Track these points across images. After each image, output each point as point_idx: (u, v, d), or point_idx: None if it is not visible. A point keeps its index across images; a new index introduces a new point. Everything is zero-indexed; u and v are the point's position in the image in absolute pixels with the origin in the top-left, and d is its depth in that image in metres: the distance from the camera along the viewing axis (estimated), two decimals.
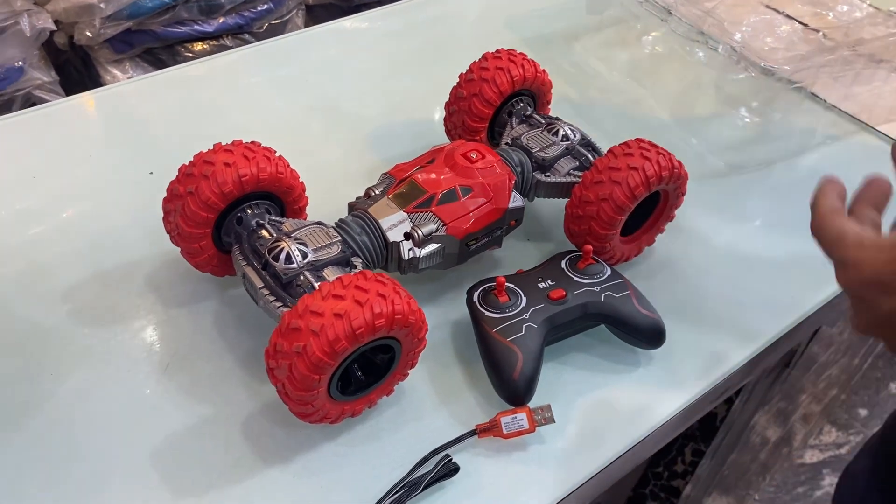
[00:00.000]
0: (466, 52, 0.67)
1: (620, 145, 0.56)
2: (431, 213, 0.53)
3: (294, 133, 0.74)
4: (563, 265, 0.55)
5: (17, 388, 0.50)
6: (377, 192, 0.55)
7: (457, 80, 0.64)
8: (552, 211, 0.65)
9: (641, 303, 0.54)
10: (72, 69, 1.43)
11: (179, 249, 0.53)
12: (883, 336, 0.40)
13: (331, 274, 0.48)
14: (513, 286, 0.53)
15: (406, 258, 0.52)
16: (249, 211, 0.52)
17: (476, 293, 0.53)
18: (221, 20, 1.38)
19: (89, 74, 1.39)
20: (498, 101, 0.63)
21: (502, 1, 0.97)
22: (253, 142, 0.53)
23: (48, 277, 0.57)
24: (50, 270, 0.58)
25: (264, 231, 0.51)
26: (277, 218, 0.53)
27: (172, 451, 0.47)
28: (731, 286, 0.62)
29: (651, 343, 0.54)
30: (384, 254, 0.52)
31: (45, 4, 1.28)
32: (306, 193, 0.55)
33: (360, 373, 0.47)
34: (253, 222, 0.51)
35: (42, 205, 0.64)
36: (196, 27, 1.36)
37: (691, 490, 1.05)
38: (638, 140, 0.56)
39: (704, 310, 0.59)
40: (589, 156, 0.60)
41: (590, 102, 0.81)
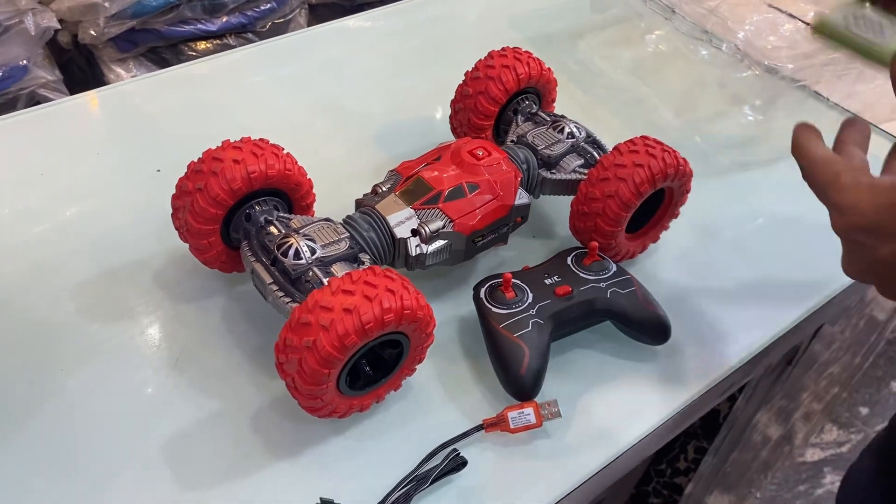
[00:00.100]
0: (469, 52, 0.68)
1: (626, 143, 0.56)
2: (438, 210, 0.53)
3: (298, 131, 0.74)
4: (569, 262, 0.55)
5: (28, 384, 0.51)
6: (384, 189, 0.55)
7: (460, 79, 0.65)
8: (556, 208, 0.66)
9: (647, 299, 0.54)
10: (75, 68, 1.43)
11: (187, 246, 0.54)
12: (875, 281, 0.40)
13: (339, 270, 0.49)
14: (519, 282, 0.53)
15: (413, 254, 0.52)
16: (258, 207, 0.52)
17: (483, 289, 0.53)
18: (225, 19, 1.39)
19: (93, 73, 1.39)
20: (504, 99, 0.63)
21: (505, 0, 0.97)
22: (261, 139, 0.53)
23: (57, 274, 0.58)
24: (58, 267, 0.58)
25: (273, 227, 0.51)
26: (285, 215, 0.53)
27: (182, 445, 0.48)
28: (735, 283, 0.62)
29: (656, 339, 0.55)
30: (391, 250, 0.53)
31: (50, 3, 1.28)
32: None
33: (369, 368, 0.47)
34: (261, 219, 0.52)
35: (49, 202, 0.64)
36: (200, 26, 1.36)
37: (693, 488, 1.05)
38: (643, 137, 0.56)
39: (708, 306, 0.60)
40: (594, 153, 0.60)
41: (594, 101, 0.81)
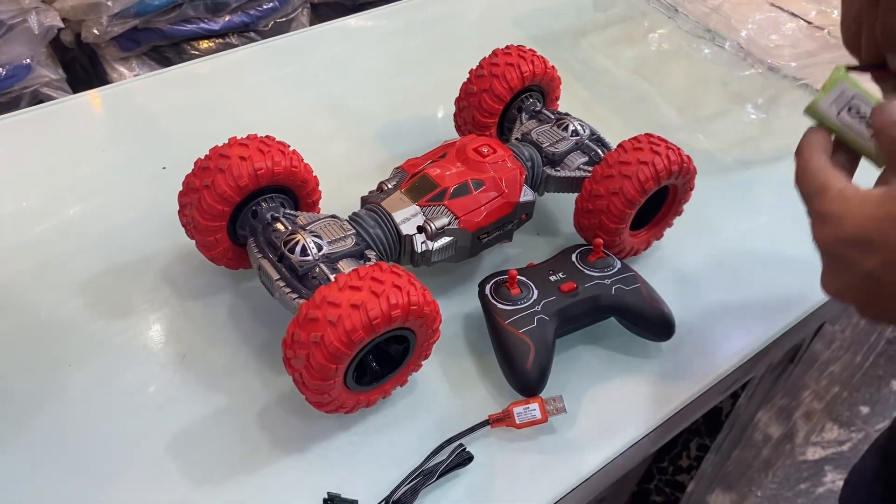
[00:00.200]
0: (471, 51, 0.68)
1: (630, 140, 0.56)
2: (444, 207, 0.53)
3: (301, 130, 0.74)
4: (574, 258, 0.56)
5: (36, 379, 0.51)
6: (390, 186, 0.55)
7: (462, 78, 0.65)
8: (560, 206, 0.66)
9: (651, 296, 0.54)
10: (78, 67, 1.44)
11: (194, 242, 0.54)
12: (856, 301, 0.37)
13: (346, 266, 0.49)
14: (524, 279, 0.53)
15: (419, 251, 0.52)
16: (264, 204, 0.52)
17: (488, 286, 0.54)
18: (227, 18, 1.39)
19: (96, 72, 1.39)
20: (508, 97, 0.63)
21: None
22: (267, 136, 0.53)
23: (63, 272, 0.58)
24: (64, 265, 0.58)
25: (279, 224, 0.51)
26: (292, 211, 0.53)
27: (189, 441, 0.48)
28: (738, 280, 0.62)
29: (660, 335, 0.55)
30: (397, 247, 0.53)
31: (53, 2, 1.28)
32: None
33: (375, 363, 0.48)
34: (268, 215, 0.52)
35: (54, 200, 0.64)
36: (202, 25, 1.37)
37: (695, 486, 1.05)
38: (647, 135, 0.56)
39: (712, 303, 0.60)
40: (598, 151, 0.61)
41: (596, 99, 0.81)
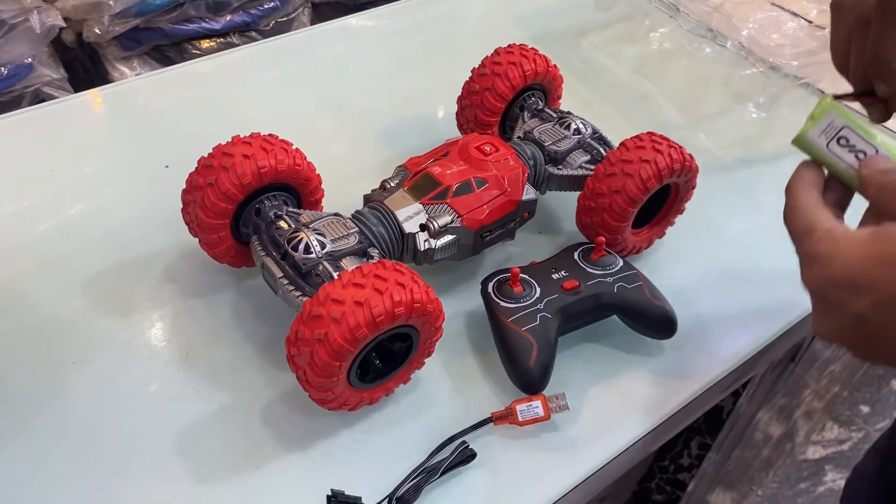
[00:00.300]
0: (472, 50, 0.68)
1: (633, 138, 0.56)
2: (446, 205, 0.54)
3: (302, 129, 0.74)
4: (576, 256, 0.56)
5: (39, 378, 0.51)
6: (392, 185, 0.56)
7: (464, 77, 0.65)
8: (563, 204, 0.66)
9: (653, 293, 0.55)
10: (79, 66, 1.44)
11: (197, 241, 0.54)
12: (848, 342, 0.36)
13: (349, 264, 0.49)
14: (527, 277, 0.54)
15: (422, 249, 0.53)
16: (267, 202, 0.53)
17: (491, 283, 0.54)
18: (229, 18, 1.39)
19: (97, 71, 1.39)
20: (510, 96, 0.63)
21: None
22: (270, 134, 0.53)
23: (67, 269, 0.58)
24: (68, 263, 0.59)
25: (282, 222, 0.51)
26: (295, 209, 0.53)
27: (193, 438, 0.48)
28: (739, 279, 0.62)
29: (662, 333, 0.55)
30: (400, 245, 0.53)
31: (55, 1, 1.28)
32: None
33: (379, 361, 0.48)
34: (271, 213, 0.52)
35: (57, 199, 0.64)
36: (203, 25, 1.37)
37: (696, 485, 1.05)
38: (650, 133, 0.57)
39: (713, 301, 0.60)
40: (601, 149, 0.61)
41: (598, 98, 0.81)
